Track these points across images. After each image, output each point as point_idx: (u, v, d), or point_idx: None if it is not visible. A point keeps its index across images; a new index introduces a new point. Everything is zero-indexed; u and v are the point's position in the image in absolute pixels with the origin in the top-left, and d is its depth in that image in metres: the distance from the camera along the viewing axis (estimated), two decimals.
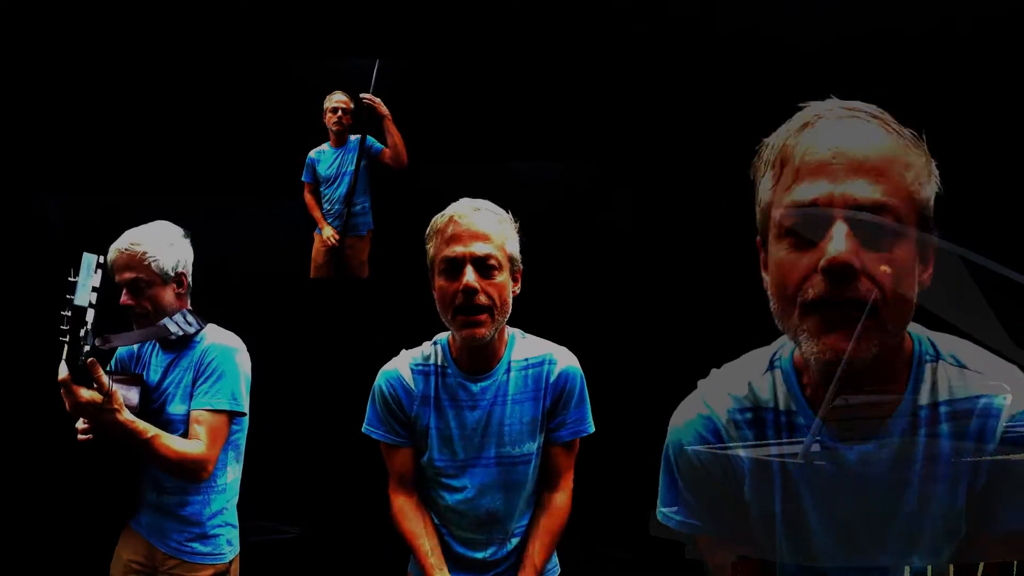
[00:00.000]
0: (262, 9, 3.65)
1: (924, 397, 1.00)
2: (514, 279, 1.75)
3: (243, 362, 2.12)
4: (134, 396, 2.05)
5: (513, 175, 3.70)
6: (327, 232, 3.89)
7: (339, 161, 3.90)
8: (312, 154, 3.93)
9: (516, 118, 3.64)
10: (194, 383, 2.06)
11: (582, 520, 1.92)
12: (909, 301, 0.95)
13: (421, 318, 1.86)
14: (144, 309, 2.09)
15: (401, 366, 1.81)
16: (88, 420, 1.91)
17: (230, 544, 2.16)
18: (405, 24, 3.65)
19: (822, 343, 0.93)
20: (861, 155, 0.93)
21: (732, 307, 1.99)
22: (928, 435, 0.99)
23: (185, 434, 2.03)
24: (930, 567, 1.00)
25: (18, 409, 3.25)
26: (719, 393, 1.10)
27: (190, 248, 2.18)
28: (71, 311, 1.71)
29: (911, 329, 1.01)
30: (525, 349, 1.81)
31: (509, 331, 1.82)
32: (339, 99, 3.86)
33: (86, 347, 1.75)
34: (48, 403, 1.94)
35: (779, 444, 1.05)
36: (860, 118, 0.96)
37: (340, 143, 3.90)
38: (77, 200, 3.73)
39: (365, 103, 3.75)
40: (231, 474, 2.15)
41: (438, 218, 1.74)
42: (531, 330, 1.86)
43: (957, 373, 1.01)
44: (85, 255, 1.72)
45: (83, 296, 1.70)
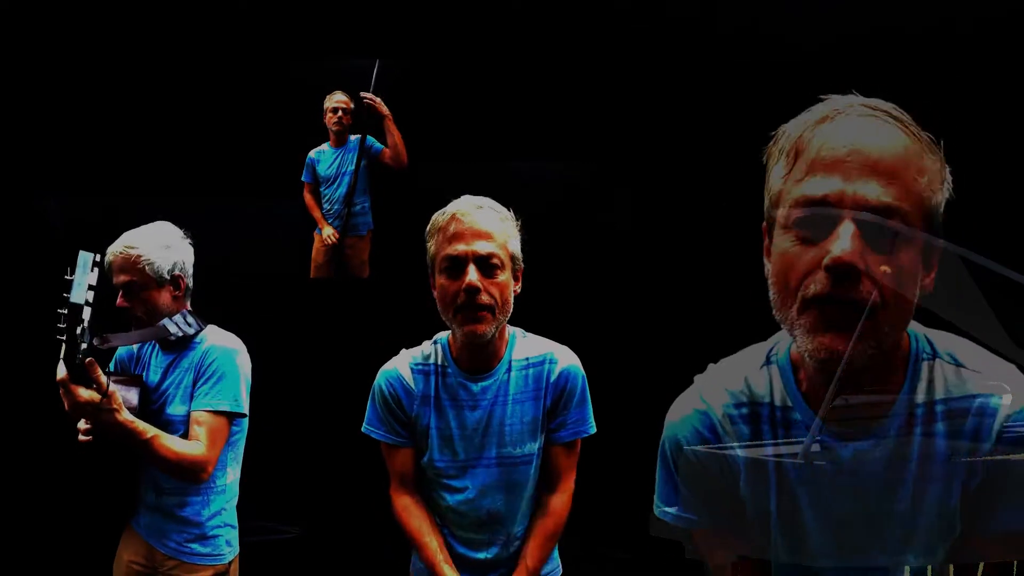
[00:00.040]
0: (262, 9, 3.65)
1: (920, 395, 1.00)
2: (515, 278, 1.74)
3: (243, 364, 2.12)
4: (133, 397, 2.05)
5: (513, 175, 3.70)
6: (327, 231, 3.89)
7: (339, 161, 3.89)
8: (312, 154, 3.93)
9: (516, 118, 3.63)
10: (194, 384, 2.05)
11: (582, 520, 1.92)
12: (909, 305, 0.95)
13: (421, 318, 1.86)
14: (139, 312, 2.09)
15: (401, 366, 1.80)
16: (88, 420, 1.91)
17: (229, 545, 2.16)
18: (405, 24, 3.65)
19: (817, 341, 0.93)
20: (876, 156, 0.92)
21: (732, 307, 1.99)
22: (923, 434, 0.99)
23: (185, 435, 2.03)
24: (930, 567, 1.00)
25: (18, 409, 3.25)
26: (715, 388, 1.10)
27: (189, 250, 2.17)
28: (67, 309, 1.71)
29: (909, 327, 1.01)
30: (526, 348, 1.80)
31: (510, 330, 1.81)
32: (339, 99, 3.86)
33: (83, 345, 1.75)
34: (48, 403, 1.94)
35: (775, 444, 1.05)
36: (879, 118, 0.95)
37: (340, 143, 3.90)
38: (77, 200, 3.73)
39: (365, 102, 3.75)
40: (230, 475, 2.15)
41: (439, 215, 1.72)
42: (531, 330, 1.85)
43: (954, 372, 1.01)
44: (81, 253, 1.72)
45: (79, 294, 1.70)
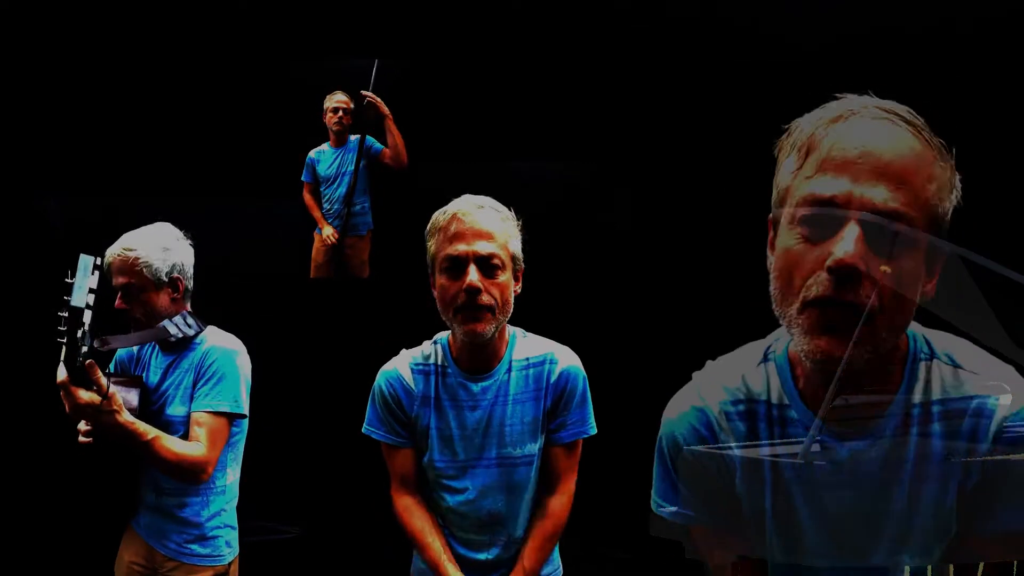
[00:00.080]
0: (262, 9, 3.65)
1: (917, 396, 1.00)
2: (516, 278, 1.73)
3: (244, 365, 2.12)
4: (133, 398, 2.05)
5: (513, 175, 3.70)
6: (327, 231, 3.89)
7: (339, 161, 3.89)
8: (312, 154, 3.93)
9: (516, 118, 3.63)
10: (195, 385, 2.05)
11: (582, 520, 1.92)
12: (909, 311, 0.95)
13: (421, 318, 1.85)
14: (138, 313, 2.09)
15: (401, 366, 1.79)
16: (88, 421, 1.91)
17: (229, 546, 2.16)
18: (405, 24, 3.65)
19: (814, 344, 0.93)
20: (887, 160, 0.92)
21: (732, 308, 1.99)
22: (920, 434, 0.99)
23: (185, 436, 2.03)
24: (930, 568, 1.00)
25: (19, 411, 3.25)
26: (713, 385, 1.11)
27: (189, 251, 2.16)
28: (68, 312, 1.71)
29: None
30: (526, 348, 1.79)
31: (510, 330, 1.81)
32: (339, 99, 3.86)
33: (84, 348, 1.75)
34: (48, 404, 1.94)
35: (772, 443, 1.05)
36: (893, 121, 0.94)
37: (340, 143, 3.90)
38: (77, 200, 3.73)
39: (367, 100, 3.75)
40: (230, 476, 2.14)
41: (440, 215, 1.71)
42: (532, 330, 1.85)
43: (951, 372, 1.01)
44: (82, 256, 1.72)
45: (80, 297, 1.70)
